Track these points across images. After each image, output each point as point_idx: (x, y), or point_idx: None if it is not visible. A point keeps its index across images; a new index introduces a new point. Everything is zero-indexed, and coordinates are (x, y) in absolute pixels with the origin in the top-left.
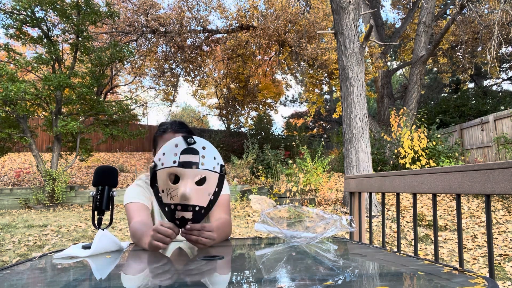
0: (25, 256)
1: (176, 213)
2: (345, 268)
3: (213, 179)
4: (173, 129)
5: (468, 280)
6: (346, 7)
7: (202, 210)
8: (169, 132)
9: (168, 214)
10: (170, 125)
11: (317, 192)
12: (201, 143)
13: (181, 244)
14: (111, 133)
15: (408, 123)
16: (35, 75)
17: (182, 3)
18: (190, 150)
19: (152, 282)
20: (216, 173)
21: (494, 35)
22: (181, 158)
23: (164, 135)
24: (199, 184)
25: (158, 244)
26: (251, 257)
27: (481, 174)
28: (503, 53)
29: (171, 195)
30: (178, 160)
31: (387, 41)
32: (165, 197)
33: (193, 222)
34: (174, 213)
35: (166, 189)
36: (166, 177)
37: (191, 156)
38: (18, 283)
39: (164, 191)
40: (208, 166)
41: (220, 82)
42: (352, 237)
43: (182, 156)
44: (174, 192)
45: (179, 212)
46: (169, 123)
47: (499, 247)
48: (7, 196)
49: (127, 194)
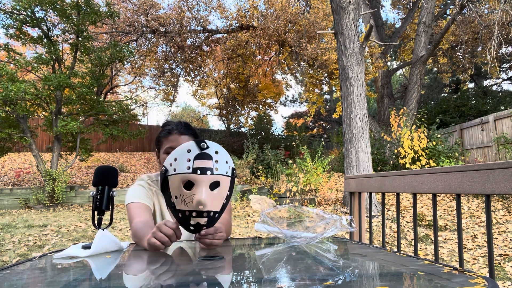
0: (25, 256)
1: (191, 219)
2: (345, 268)
3: (226, 183)
4: (179, 130)
5: (468, 280)
6: (346, 7)
7: (216, 215)
8: (174, 134)
9: (182, 220)
10: (176, 126)
11: (317, 192)
12: (213, 147)
13: (182, 244)
14: (111, 133)
15: (408, 123)
16: (35, 75)
17: (182, 3)
18: (203, 155)
19: (152, 282)
20: (229, 177)
21: (494, 35)
22: (194, 163)
23: (170, 136)
24: (212, 189)
25: (156, 242)
26: (251, 257)
27: (481, 174)
28: (503, 53)
29: (186, 201)
30: (192, 166)
31: (387, 41)
32: (179, 204)
33: (207, 227)
34: (188, 220)
35: (179, 195)
36: (180, 183)
37: (204, 161)
38: (18, 283)
39: (177, 197)
40: (221, 171)
41: (220, 82)
42: (352, 237)
43: (196, 162)
44: (188, 198)
45: (194, 218)
46: (175, 124)
47: (499, 247)
48: (7, 196)
49: (129, 194)
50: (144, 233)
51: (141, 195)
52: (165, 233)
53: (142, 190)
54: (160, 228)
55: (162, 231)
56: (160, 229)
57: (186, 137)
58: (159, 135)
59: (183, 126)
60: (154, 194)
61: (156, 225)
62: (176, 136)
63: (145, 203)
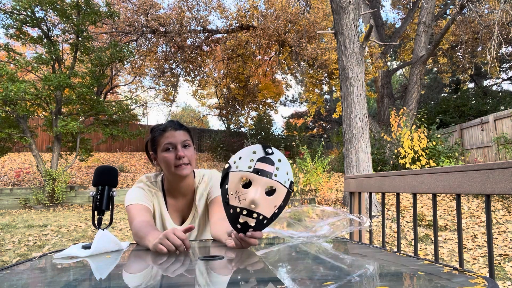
0: (25, 256)
1: (240, 217)
2: (345, 268)
3: (282, 192)
4: (173, 126)
5: (468, 280)
6: (346, 7)
7: (264, 220)
8: (170, 130)
9: (232, 216)
10: (169, 123)
11: (317, 192)
12: (277, 155)
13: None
14: (111, 133)
15: (408, 123)
16: (35, 75)
17: (182, 3)
18: (266, 159)
19: (152, 282)
20: (285, 188)
21: (494, 35)
22: (256, 165)
23: (165, 133)
24: (268, 195)
25: (163, 249)
26: (251, 257)
27: (481, 174)
28: (503, 53)
29: (239, 198)
30: (253, 166)
31: (387, 41)
32: (233, 200)
33: (254, 230)
34: (238, 217)
35: (235, 191)
36: (238, 180)
37: (266, 165)
38: (18, 283)
39: (233, 193)
40: (280, 179)
41: (220, 82)
42: (352, 237)
43: (258, 164)
44: (243, 196)
45: (244, 216)
46: (167, 122)
47: (499, 247)
48: (7, 196)
49: (129, 196)
50: (145, 232)
51: (141, 197)
52: (172, 242)
53: (141, 192)
54: (168, 236)
55: (170, 239)
56: (168, 236)
57: (182, 132)
58: (153, 135)
59: (176, 122)
60: (154, 195)
61: (164, 231)
62: (172, 132)
63: (145, 205)
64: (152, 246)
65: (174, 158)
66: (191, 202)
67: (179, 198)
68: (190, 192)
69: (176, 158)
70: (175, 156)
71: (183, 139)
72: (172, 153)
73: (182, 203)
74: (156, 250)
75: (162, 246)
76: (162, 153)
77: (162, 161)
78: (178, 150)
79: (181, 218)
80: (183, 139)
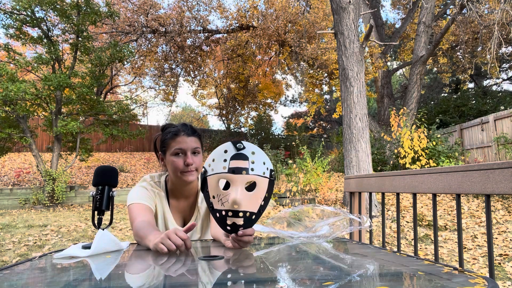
0: (25, 256)
1: (227, 218)
2: (345, 268)
3: (263, 184)
4: (186, 132)
5: (468, 280)
6: (346, 7)
7: (252, 216)
8: (182, 135)
9: (219, 220)
10: (182, 127)
11: (317, 192)
12: (250, 148)
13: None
14: (111, 133)
15: (408, 123)
16: (35, 75)
17: (182, 3)
18: (239, 155)
19: (152, 282)
20: (266, 178)
21: (494, 35)
22: (230, 164)
23: (177, 138)
24: (249, 190)
25: (163, 249)
26: (251, 257)
27: (481, 174)
28: (503, 53)
29: (222, 201)
30: (228, 166)
31: (387, 41)
32: (216, 203)
33: (244, 228)
34: (225, 219)
35: (216, 195)
36: (216, 183)
37: (240, 161)
38: (18, 283)
39: (215, 197)
40: (257, 171)
41: (220, 82)
42: (352, 237)
43: (232, 162)
44: (224, 198)
45: (230, 218)
46: (180, 125)
47: (499, 247)
48: (7, 196)
49: (131, 195)
50: (146, 232)
51: (143, 196)
52: (174, 241)
53: (144, 191)
54: (169, 236)
55: (171, 239)
56: (169, 236)
57: (193, 139)
58: (164, 137)
59: (189, 128)
60: (157, 196)
61: (166, 231)
62: (184, 137)
63: (147, 205)
64: (153, 245)
65: (183, 164)
66: (193, 204)
67: (182, 200)
68: (193, 194)
69: (184, 164)
70: (184, 162)
71: (194, 146)
72: (181, 158)
73: (185, 205)
74: (157, 250)
75: (162, 245)
76: (171, 157)
77: (170, 164)
78: (187, 157)
79: (183, 219)
80: (194, 146)
